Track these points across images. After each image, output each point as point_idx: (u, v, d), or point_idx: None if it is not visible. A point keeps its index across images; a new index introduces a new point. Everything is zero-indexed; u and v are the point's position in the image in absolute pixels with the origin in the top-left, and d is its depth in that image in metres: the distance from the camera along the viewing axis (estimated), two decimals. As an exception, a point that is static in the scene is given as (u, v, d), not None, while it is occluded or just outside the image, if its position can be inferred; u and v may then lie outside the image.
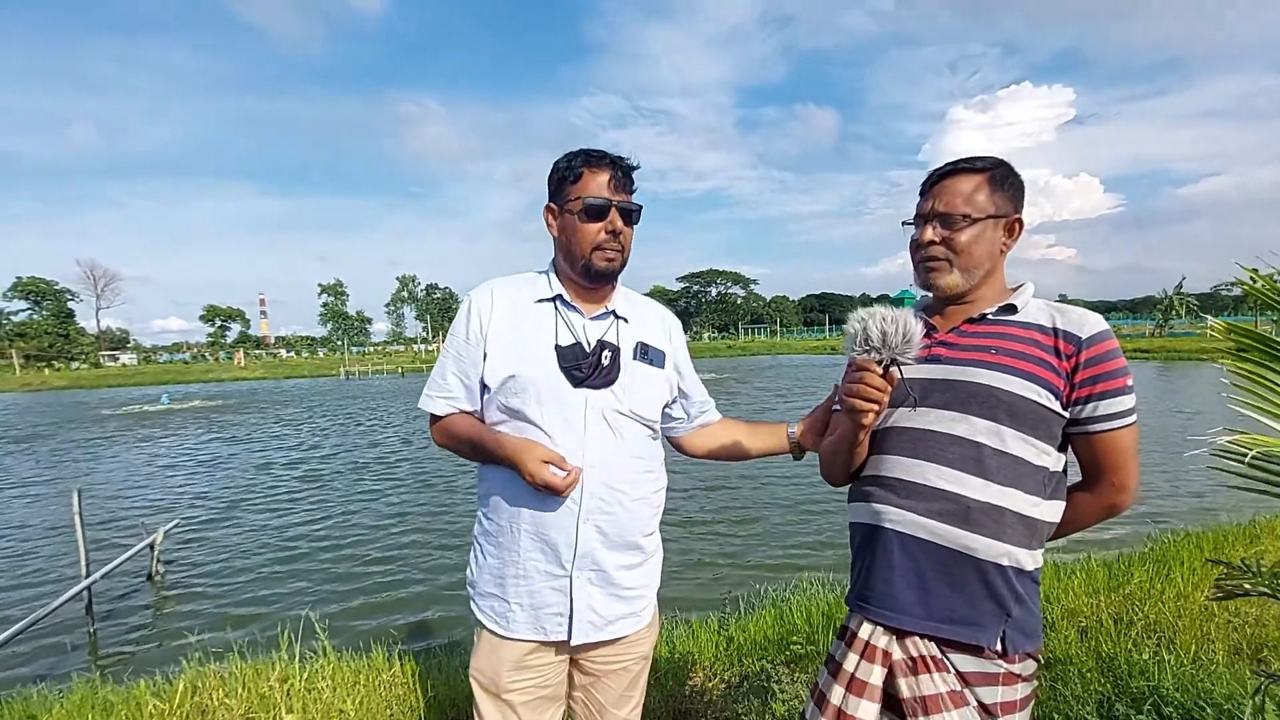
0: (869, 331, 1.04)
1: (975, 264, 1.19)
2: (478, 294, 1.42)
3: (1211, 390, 16.51)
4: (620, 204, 1.35)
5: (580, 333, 1.38)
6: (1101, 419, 1.12)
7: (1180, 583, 3.38)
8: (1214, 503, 6.81)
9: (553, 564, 1.33)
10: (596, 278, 1.37)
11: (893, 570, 1.17)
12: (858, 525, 1.27)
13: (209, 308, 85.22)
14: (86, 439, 15.86)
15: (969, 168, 1.20)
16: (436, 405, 1.42)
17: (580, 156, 1.36)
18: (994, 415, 1.12)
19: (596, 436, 1.32)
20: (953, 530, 1.13)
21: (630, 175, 1.38)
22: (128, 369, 56.55)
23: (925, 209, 1.22)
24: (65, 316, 72.25)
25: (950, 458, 1.14)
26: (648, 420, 1.41)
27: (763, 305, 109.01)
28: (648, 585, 1.45)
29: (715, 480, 8.43)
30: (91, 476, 10.96)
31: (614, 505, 1.34)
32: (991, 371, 1.14)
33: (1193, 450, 8.48)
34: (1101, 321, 1.14)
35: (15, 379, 46.03)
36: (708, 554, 6.00)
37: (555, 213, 1.39)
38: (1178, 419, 12.72)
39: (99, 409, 24.08)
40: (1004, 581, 1.12)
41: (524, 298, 1.40)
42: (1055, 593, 3.37)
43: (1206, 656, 2.66)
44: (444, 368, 1.42)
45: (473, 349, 1.37)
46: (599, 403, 1.33)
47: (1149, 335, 43.05)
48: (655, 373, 1.44)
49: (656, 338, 1.49)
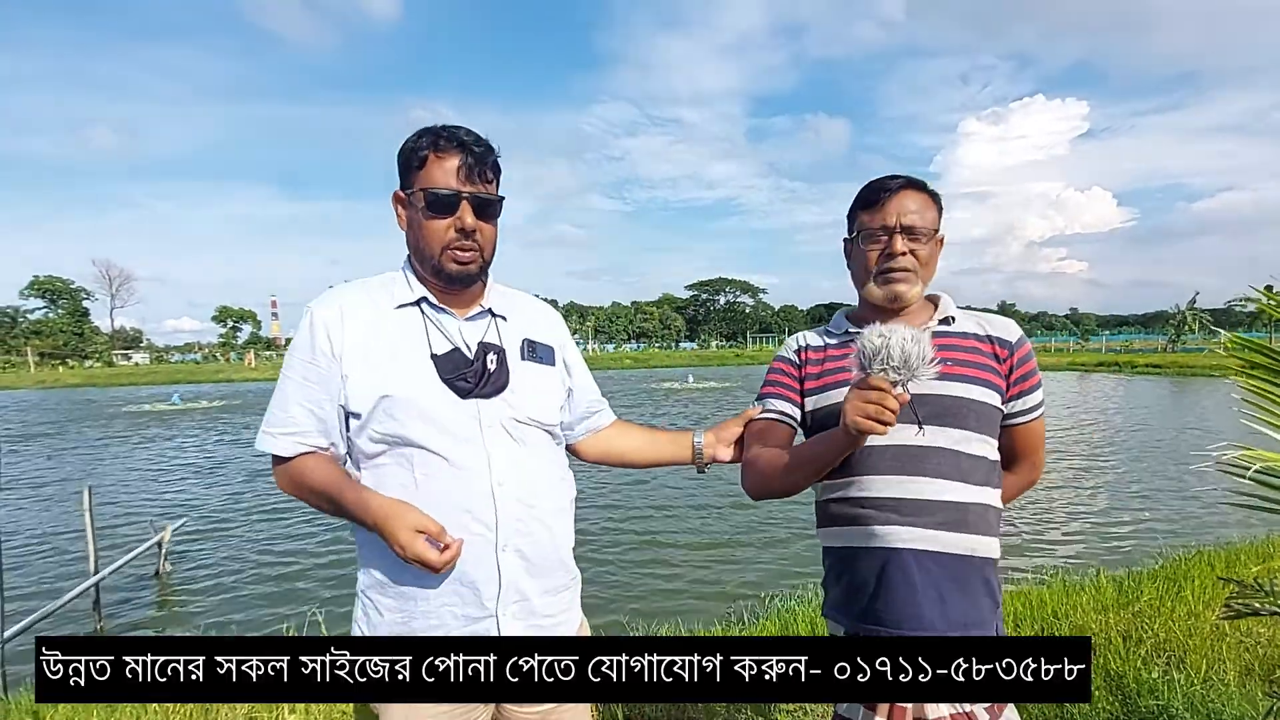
0: (890, 350, 0.98)
1: (930, 276, 1.29)
2: (321, 306, 1.17)
3: (1224, 407, 16.32)
4: (473, 195, 1.14)
5: (457, 337, 1.20)
6: (1027, 411, 1.27)
7: (1191, 601, 3.34)
8: (1226, 520, 6.72)
9: (472, 606, 1.12)
10: (451, 282, 1.19)
11: (915, 590, 1.16)
12: (852, 549, 1.23)
13: (221, 309, 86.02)
14: (98, 437, 16.02)
15: (918, 185, 1.27)
16: (280, 444, 1.15)
17: (426, 137, 1.15)
18: (964, 423, 1.19)
19: (500, 451, 1.15)
20: (958, 536, 1.17)
21: (488, 160, 1.17)
22: (140, 368, 57.13)
23: (889, 222, 1.24)
24: (80, 315, 73.16)
25: (938, 469, 1.18)
26: (547, 425, 1.26)
27: (771, 314, 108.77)
28: (568, 611, 1.27)
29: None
30: (102, 474, 11.06)
31: (532, 524, 1.18)
32: (955, 383, 1.20)
33: (1199, 465, 8.39)
34: (1018, 327, 1.29)
35: (30, 376, 46.61)
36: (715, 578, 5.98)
37: (403, 202, 1.20)
38: (1190, 435, 12.57)
39: (111, 407, 24.32)
40: (992, 574, 1.21)
41: (381, 304, 1.19)
42: (1063, 609, 3.34)
43: (1217, 677, 2.62)
44: (285, 397, 1.16)
45: (324, 372, 1.14)
46: (494, 413, 1.16)
47: (1161, 351, 42.62)
48: (547, 371, 1.29)
49: (541, 333, 1.32)
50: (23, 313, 71.07)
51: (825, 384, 1.30)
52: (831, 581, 1.31)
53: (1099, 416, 15.89)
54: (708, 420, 16.47)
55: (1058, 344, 62.60)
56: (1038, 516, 7.24)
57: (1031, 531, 6.73)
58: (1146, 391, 22.51)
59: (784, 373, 1.38)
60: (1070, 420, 15.16)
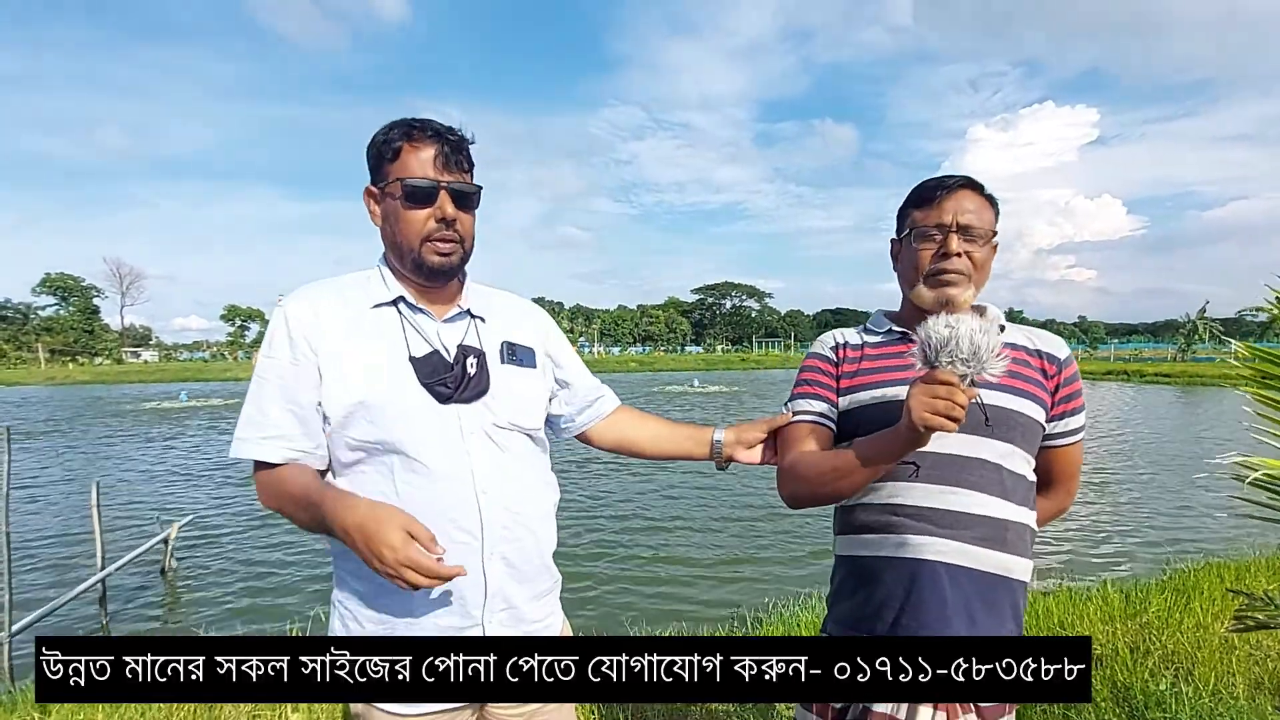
0: (959, 341, 0.91)
1: (983, 282, 1.20)
2: (294, 304, 1.13)
3: (1234, 417, 16.18)
4: (451, 185, 1.12)
5: (435, 339, 1.16)
6: (1069, 434, 1.22)
7: (1200, 613, 3.31)
8: (1236, 531, 6.65)
9: (457, 615, 1.11)
10: (432, 275, 1.15)
11: (945, 605, 1.10)
12: (879, 559, 1.16)
13: (229, 307, 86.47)
14: (107, 433, 16.14)
15: (976, 186, 1.19)
16: (265, 450, 1.08)
17: (399, 128, 1.12)
18: (1010, 437, 1.13)
19: (483, 458, 1.13)
20: (994, 554, 1.12)
21: (463, 149, 1.14)
22: (149, 366, 57.57)
23: (944, 220, 1.16)
24: (91, 313, 73.77)
25: (979, 481, 1.12)
26: (529, 429, 1.23)
27: (777, 319, 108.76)
28: (552, 615, 1.27)
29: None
30: (110, 470, 11.14)
31: (519, 530, 1.16)
32: (1003, 394, 1.14)
33: (1209, 475, 8.31)
34: (1066, 344, 1.24)
35: (40, 372, 47.06)
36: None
37: (376, 197, 1.16)
38: (1201, 446, 12.46)
39: (120, 404, 24.51)
40: (1022, 597, 1.16)
41: (356, 303, 1.15)
42: (1070, 619, 3.31)
43: (1226, 690, 2.59)
44: (261, 400, 1.09)
45: (301, 371, 1.09)
46: (475, 419, 1.13)
47: (1171, 360, 42.29)
48: (528, 374, 1.25)
49: (521, 334, 1.29)
50: (34, 309, 71.81)
51: (864, 382, 1.22)
52: (845, 594, 1.23)
53: (1107, 425, 15.77)
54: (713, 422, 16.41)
55: (1066, 352, 62.00)
56: (1044, 526, 7.18)
57: (1037, 541, 6.67)
58: (1155, 400, 22.33)
59: (820, 370, 1.29)
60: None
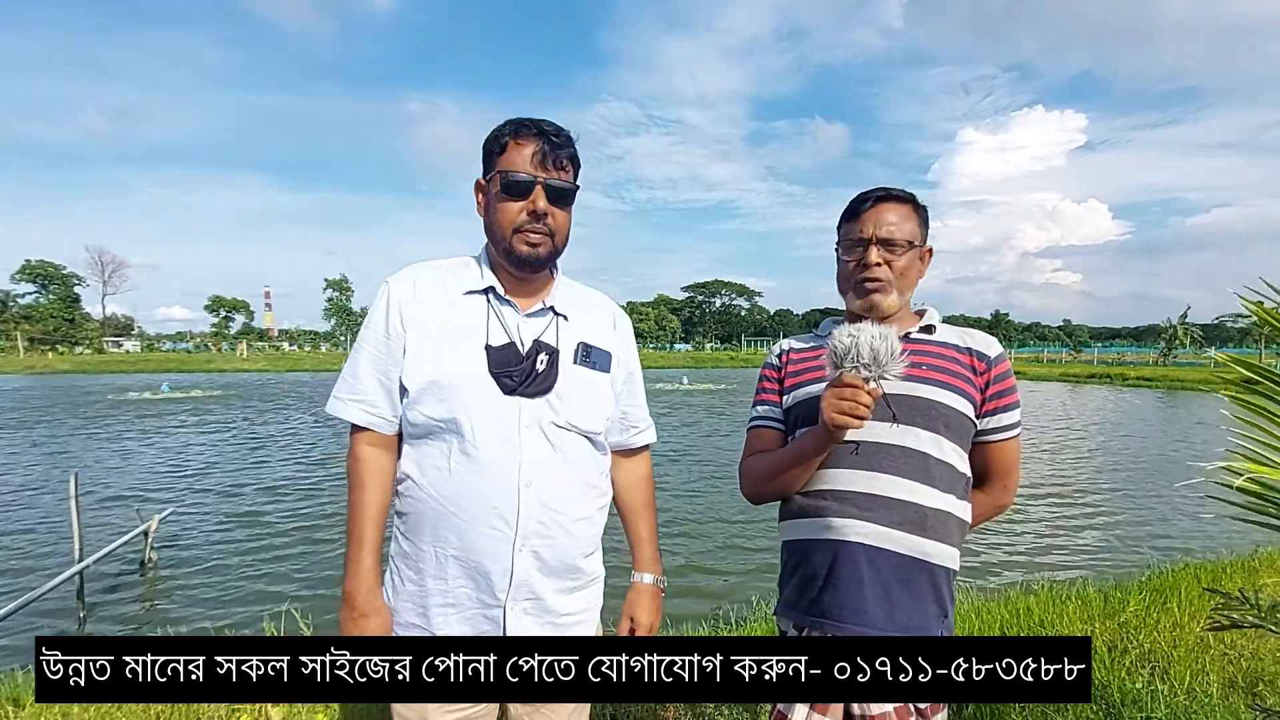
0: (859, 349, 1.04)
1: (908, 287, 1.31)
2: (397, 281, 1.23)
3: (1213, 421, 16.46)
4: (547, 181, 1.17)
5: (515, 332, 1.21)
6: (1002, 429, 1.27)
7: (1177, 612, 3.37)
8: (1215, 534, 6.77)
9: (485, 593, 1.18)
10: (521, 265, 1.21)
11: (862, 584, 1.17)
12: (808, 541, 1.25)
13: (214, 298, 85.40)
14: (86, 424, 15.88)
15: (897, 197, 1.29)
16: (351, 411, 1.21)
17: (509, 125, 1.19)
18: (934, 427, 1.20)
19: (533, 452, 1.16)
20: (913, 538, 1.18)
21: (564, 149, 1.20)
22: (131, 355, 56.66)
23: (865, 233, 1.28)
24: (71, 301, 72.39)
25: (901, 467, 1.19)
26: (589, 432, 1.25)
27: (767, 318, 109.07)
28: (588, 610, 1.29)
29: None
30: (89, 461, 10.95)
31: (554, 529, 1.19)
32: (928, 386, 1.22)
33: (1188, 480, 8.45)
34: (999, 344, 1.31)
35: (19, 361, 46.15)
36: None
37: (482, 189, 1.24)
38: (1181, 449, 12.67)
39: (101, 394, 24.12)
40: (946, 584, 1.22)
41: (451, 288, 1.23)
42: (1050, 618, 3.35)
43: (1201, 688, 2.65)
44: (357, 364, 1.21)
45: (393, 344, 1.19)
46: (533, 413, 1.17)
47: (1153, 364, 42.90)
48: (598, 378, 1.28)
49: (601, 336, 1.31)
50: (13, 297, 70.27)
51: (800, 381, 1.33)
52: (786, 576, 1.32)
53: (1088, 427, 15.99)
54: (701, 423, 16.48)
55: (1050, 355, 62.86)
56: (1025, 526, 7.27)
57: (1018, 541, 6.76)
58: (1136, 404, 22.66)
59: (768, 378, 1.42)
60: (1059, 430, 15.25)
